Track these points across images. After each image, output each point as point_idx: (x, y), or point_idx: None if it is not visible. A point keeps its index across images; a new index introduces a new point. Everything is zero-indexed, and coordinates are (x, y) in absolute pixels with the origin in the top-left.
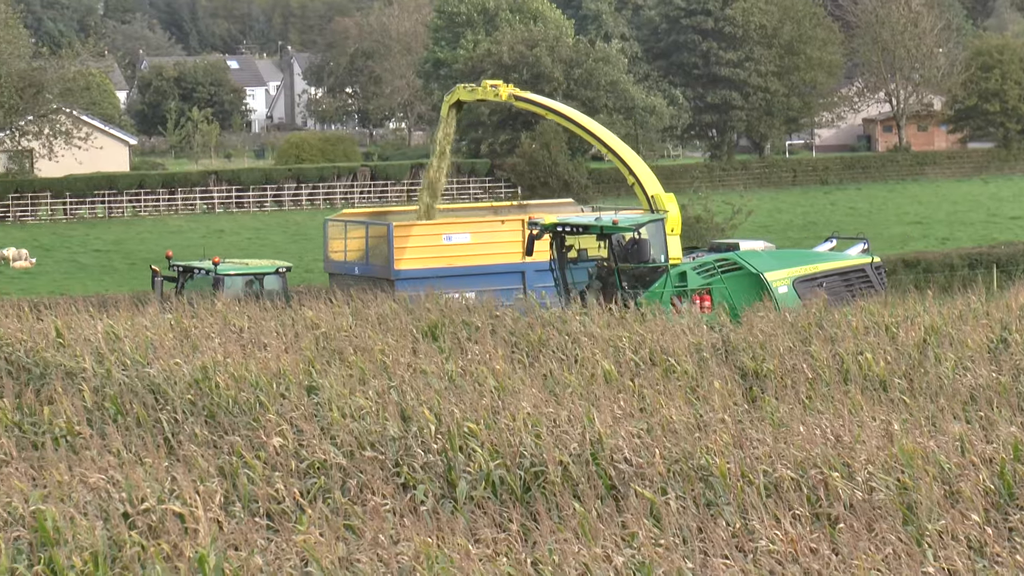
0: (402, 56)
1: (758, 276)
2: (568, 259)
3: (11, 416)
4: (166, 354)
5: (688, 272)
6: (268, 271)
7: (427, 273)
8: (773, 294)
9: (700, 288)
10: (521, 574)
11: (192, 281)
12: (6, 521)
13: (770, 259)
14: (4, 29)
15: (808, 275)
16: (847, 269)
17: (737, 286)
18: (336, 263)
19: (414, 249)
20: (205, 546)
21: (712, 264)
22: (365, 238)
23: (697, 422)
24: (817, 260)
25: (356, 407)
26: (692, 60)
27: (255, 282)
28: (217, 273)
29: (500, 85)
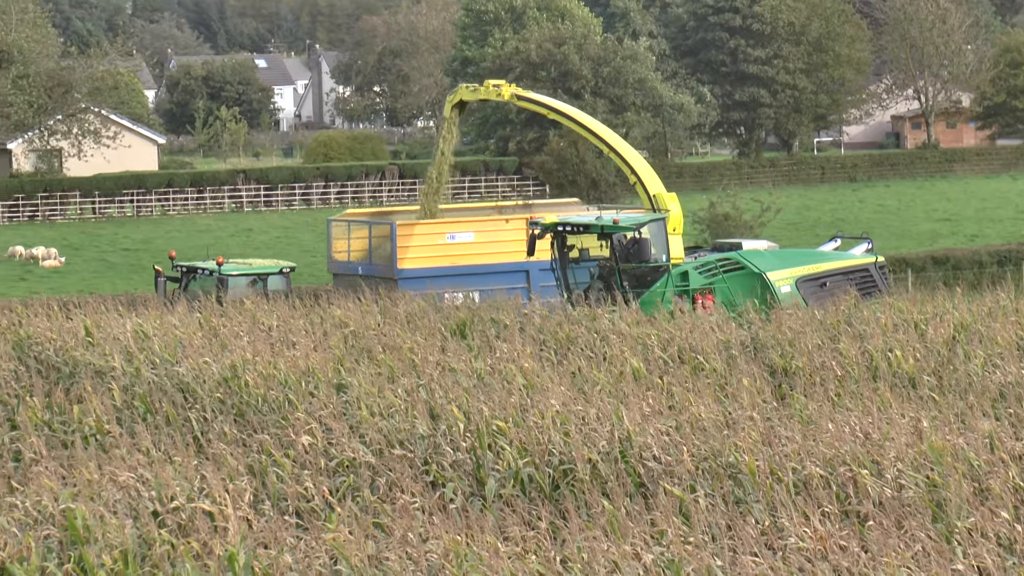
0: (430, 54)
1: (760, 276)
2: (570, 259)
3: (41, 415)
4: (195, 353)
5: (690, 272)
6: (272, 271)
7: (430, 272)
8: (776, 294)
9: (702, 288)
10: (550, 572)
11: (196, 281)
12: (36, 520)
13: (773, 259)
14: (33, 28)
15: (811, 275)
16: (850, 269)
17: (739, 286)
18: (340, 263)
19: (417, 248)
20: (235, 544)
21: (714, 264)
22: (368, 238)
23: (726, 420)
24: (820, 260)
25: (385, 405)
26: (720, 57)
27: (259, 282)
28: (221, 273)
29: (503, 85)
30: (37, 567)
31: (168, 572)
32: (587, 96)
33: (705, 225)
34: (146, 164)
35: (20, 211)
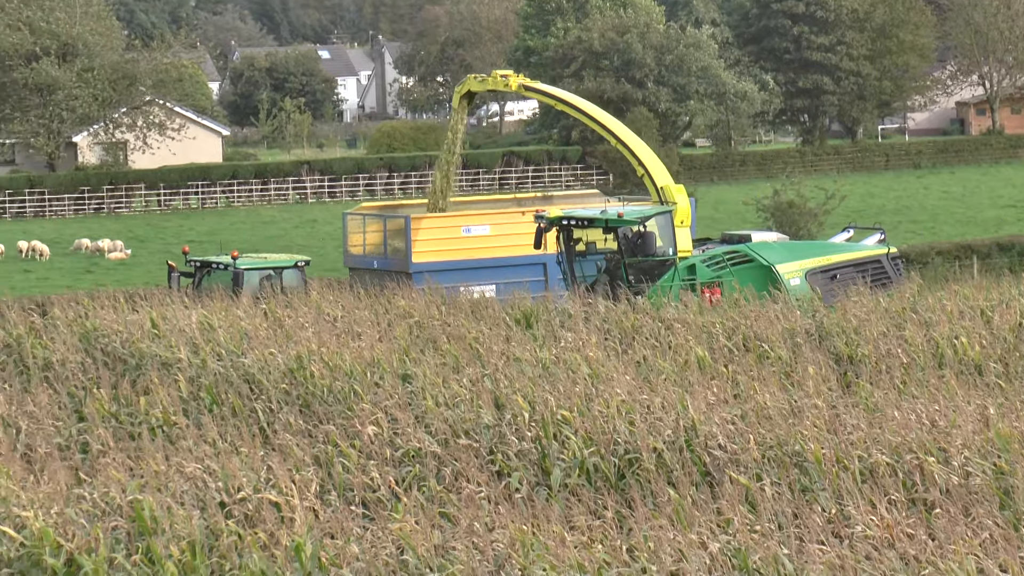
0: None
1: (769, 268)
2: (577, 252)
3: (108, 407)
4: (260, 344)
5: (697, 265)
6: (287, 265)
7: (445, 266)
8: (785, 286)
9: (709, 281)
10: (616, 561)
11: (210, 276)
12: (104, 511)
13: (782, 251)
14: (97, 22)
15: (821, 267)
16: (862, 260)
17: (748, 278)
18: (355, 257)
19: (432, 242)
20: (301, 535)
21: (722, 256)
22: (383, 231)
23: (791, 408)
24: (831, 251)
25: (450, 395)
26: (783, 45)
27: (274, 276)
28: (235, 268)
29: (510, 75)
30: (105, 558)
31: (235, 563)
32: (650, 85)
33: (769, 213)
34: (211, 156)
35: (86, 204)
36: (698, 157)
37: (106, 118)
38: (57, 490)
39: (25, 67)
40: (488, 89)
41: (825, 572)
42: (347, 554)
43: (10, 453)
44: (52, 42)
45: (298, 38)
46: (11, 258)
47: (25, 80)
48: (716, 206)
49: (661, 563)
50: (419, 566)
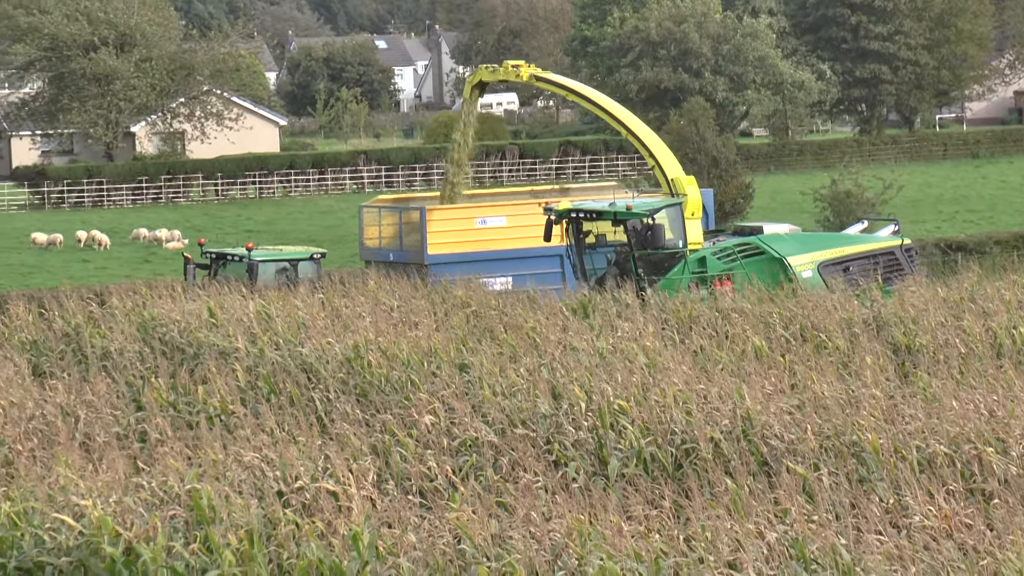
0: (549, 34)
1: (781, 261)
2: (586, 245)
3: (166, 396)
4: (318, 333)
5: (708, 257)
6: (302, 257)
7: (461, 258)
8: (796, 279)
9: (720, 273)
10: (673, 550)
11: (225, 268)
12: (162, 500)
13: (794, 243)
14: (155, 12)
15: (834, 259)
16: (875, 252)
17: (759, 271)
18: (371, 249)
19: (448, 234)
20: (359, 524)
21: (733, 249)
22: (399, 224)
23: (849, 398)
24: (843, 243)
25: (507, 385)
26: (841, 34)
27: (289, 268)
28: (251, 259)
29: (522, 65)
30: (163, 547)
31: (293, 552)
32: (707, 74)
33: (827, 203)
34: (268, 146)
35: (144, 193)
36: (755, 147)
37: (164, 108)
38: (115, 479)
39: (83, 57)
40: (500, 80)
41: (883, 562)
42: (404, 543)
43: (69, 442)
44: (110, 32)
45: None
46: (70, 247)
47: (83, 70)
48: (773, 196)
49: (718, 553)
50: (476, 555)
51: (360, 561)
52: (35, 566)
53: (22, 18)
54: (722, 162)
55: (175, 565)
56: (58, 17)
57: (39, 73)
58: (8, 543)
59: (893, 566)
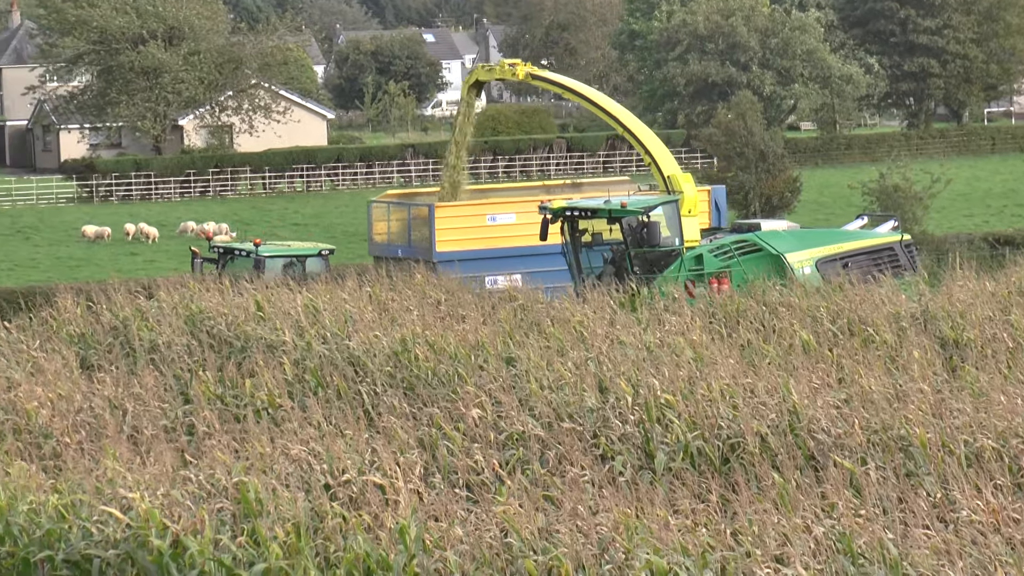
0: (597, 27)
1: (779, 257)
2: (583, 243)
3: (214, 389)
4: (365, 327)
5: (705, 255)
6: (310, 253)
7: (470, 255)
8: (794, 276)
9: (717, 271)
10: (720, 544)
11: (233, 263)
12: (210, 492)
13: (792, 239)
14: (203, 5)
15: (832, 255)
16: (874, 248)
17: (757, 268)
18: (380, 246)
19: (457, 231)
20: (406, 517)
21: (730, 246)
22: (407, 220)
23: (896, 392)
24: (842, 239)
25: (554, 378)
26: (889, 28)
27: (296, 264)
28: (258, 255)
29: (518, 64)
30: (211, 540)
31: (340, 545)
32: (755, 68)
33: (875, 197)
34: (315, 139)
35: (192, 187)
36: (803, 141)
37: (212, 101)
38: (163, 472)
39: (132, 50)
40: (496, 78)
41: (930, 557)
42: (451, 537)
43: (117, 435)
44: (159, 25)
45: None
46: (118, 240)
47: (132, 63)
48: (821, 190)
49: (765, 547)
50: (523, 549)
51: (407, 554)
52: (83, 558)
53: (71, 11)
54: (770, 156)
55: (222, 558)
56: (107, 10)
57: (88, 66)
58: (56, 535)
59: (940, 560)
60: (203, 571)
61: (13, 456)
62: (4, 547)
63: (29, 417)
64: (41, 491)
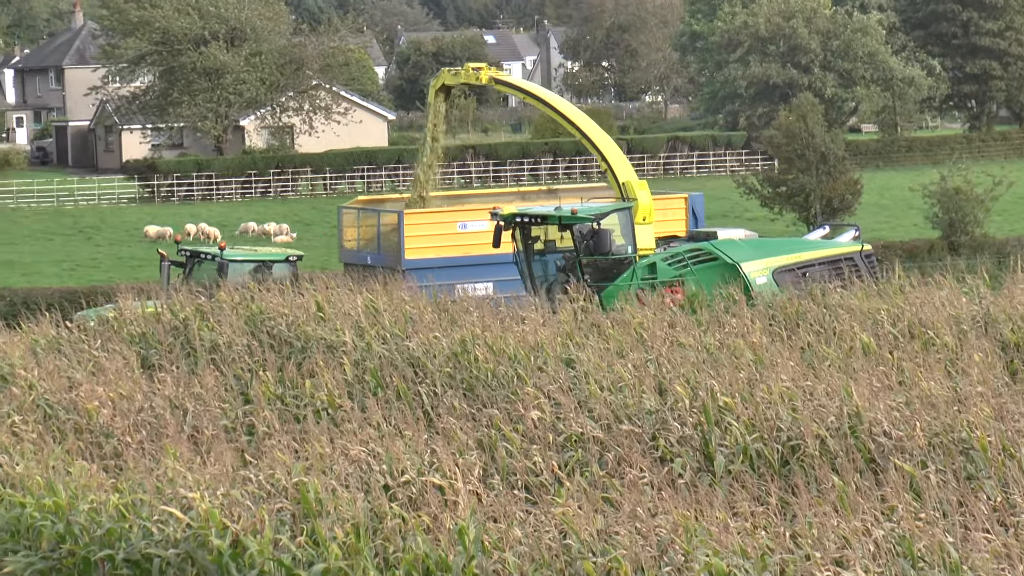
0: (658, 29)
1: (735, 267)
2: (535, 251)
3: (274, 389)
4: (425, 328)
5: (658, 263)
6: (277, 259)
7: (441, 263)
8: (751, 285)
9: (671, 280)
10: (780, 547)
11: (200, 267)
12: (269, 493)
13: (748, 249)
14: (265, 6)
15: (790, 264)
16: (834, 258)
17: (712, 277)
18: (350, 253)
19: (426, 238)
20: (465, 518)
21: (684, 255)
22: (377, 227)
23: (957, 395)
24: (800, 249)
25: (613, 380)
26: (951, 30)
27: (263, 269)
28: (222, 259)
29: (482, 68)
30: (270, 539)
31: (399, 545)
32: (816, 70)
33: (936, 199)
34: (376, 140)
35: (253, 187)
36: (864, 143)
37: (273, 102)
38: (223, 471)
39: (194, 51)
40: (462, 82)
41: (990, 561)
42: (510, 538)
43: (177, 435)
44: (221, 26)
45: (464, 23)
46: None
47: (194, 64)
48: (882, 192)
49: (825, 550)
50: (582, 550)
51: (466, 555)
52: (143, 558)
53: (133, 12)
54: (830, 158)
55: (282, 558)
56: (169, 11)
57: (150, 67)
58: (116, 535)
59: (1001, 564)
60: (263, 571)
61: (74, 455)
62: (65, 546)
63: (90, 416)
64: (102, 490)
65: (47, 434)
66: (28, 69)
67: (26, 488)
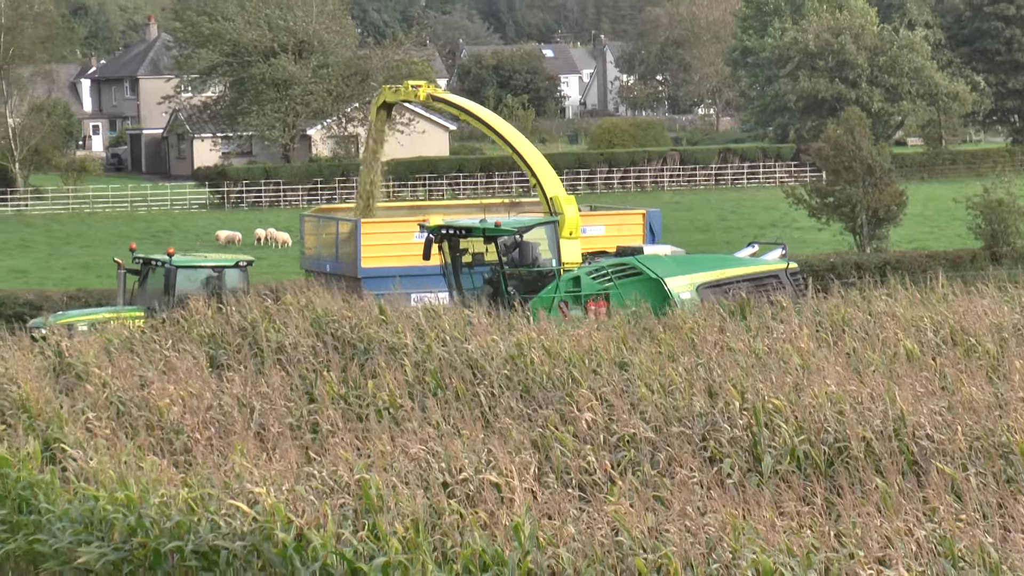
0: (711, 44)
1: (659, 282)
2: (463, 263)
3: (337, 389)
4: (483, 331)
5: (582, 277)
6: (227, 264)
7: (396, 272)
8: (675, 300)
9: (595, 294)
10: (824, 546)
11: (153, 274)
12: (332, 488)
13: (673, 264)
14: (332, 20)
15: (714, 281)
16: (758, 275)
17: (636, 292)
18: (310, 260)
19: (383, 247)
20: (520, 515)
21: (608, 269)
22: (336, 234)
23: (998, 400)
24: (725, 266)
25: (665, 383)
26: (995, 47)
27: (214, 276)
28: (171, 265)
29: (421, 85)
30: (333, 534)
31: (457, 540)
32: (863, 85)
33: (979, 211)
34: (438, 149)
35: (319, 194)
36: (909, 156)
37: (339, 112)
38: (288, 468)
39: (263, 63)
40: (401, 99)
41: None
42: (564, 534)
43: (244, 432)
44: (289, 39)
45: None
46: (248, 245)
47: (263, 75)
48: (926, 203)
49: (868, 549)
50: (633, 547)
51: (521, 551)
52: (210, 549)
53: (206, 25)
54: (877, 170)
55: (344, 551)
56: (240, 24)
57: (220, 78)
58: (185, 527)
59: None
60: (325, 564)
61: (146, 451)
62: (136, 538)
63: (161, 414)
64: (172, 485)
65: (120, 430)
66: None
67: (99, 482)
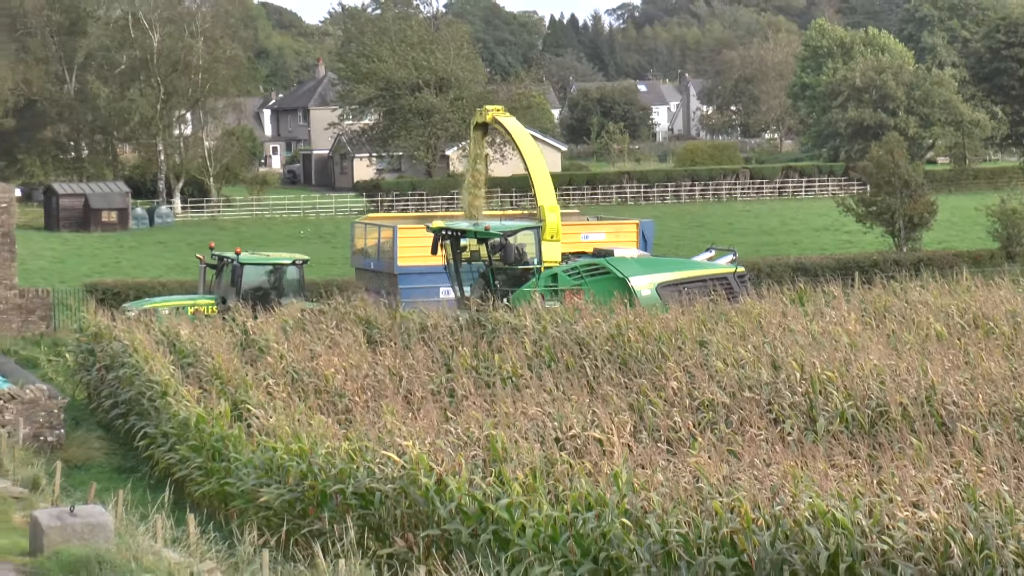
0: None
1: (623, 280)
2: (463, 260)
3: (470, 361)
4: (588, 315)
5: (560, 274)
6: (286, 262)
7: (427, 269)
8: (636, 296)
9: (570, 288)
10: (868, 492)
11: (227, 269)
12: (466, 443)
13: (637, 266)
14: (466, 61)
15: (671, 281)
16: (710, 277)
17: (603, 288)
18: (358, 259)
19: (416, 248)
20: (618, 465)
21: (581, 268)
22: (378, 238)
23: (1012, 373)
24: (682, 268)
25: (737, 358)
26: (1011, 83)
27: (275, 272)
28: (238, 262)
29: (490, 110)
30: (466, 479)
31: (567, 485)
32: (901, 113)
33: (997, 218)
34: (552, 167)
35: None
36: (938, 172)
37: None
38: (430, 425)
39: (410, 96)
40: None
41: None
42: (654, 481)
43: (394, 396)
44: (431, 76)
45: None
46: None
47: (410, 106)
48: (952, 211)
49: (904, 494)
50: (711, 492)
51: (619, 494)
52: (367, 491)
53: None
54: (912, 184)
55: (475, 493)
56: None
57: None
58: (347, 473)
59: None
60: (460, 504)
61: (314, 411)
62: (307, 481)
63: (327, 381)
64: (336, 439)
65: (294, 394)
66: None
67: (277, 436)
